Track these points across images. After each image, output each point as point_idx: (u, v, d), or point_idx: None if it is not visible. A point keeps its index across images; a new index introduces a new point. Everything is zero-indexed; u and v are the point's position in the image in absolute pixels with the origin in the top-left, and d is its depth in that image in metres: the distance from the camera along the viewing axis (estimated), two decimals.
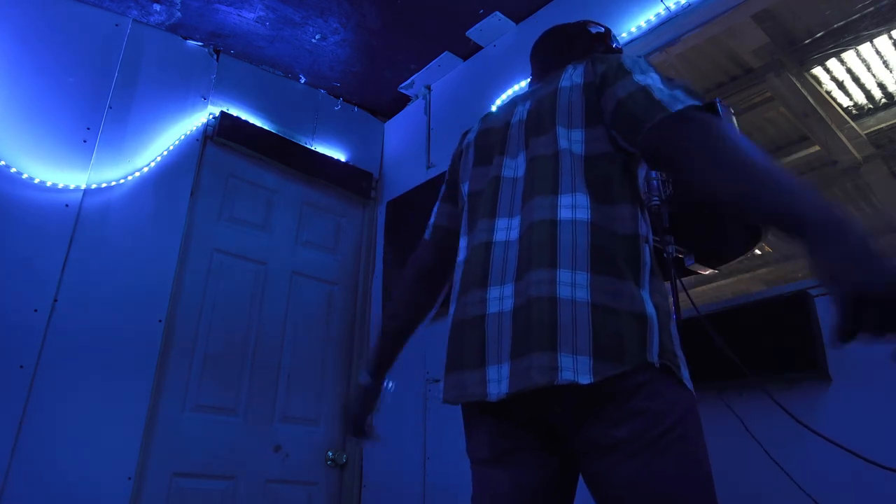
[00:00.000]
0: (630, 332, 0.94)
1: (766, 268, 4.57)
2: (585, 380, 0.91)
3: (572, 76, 1.17)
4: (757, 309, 1.65)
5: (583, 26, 1.43)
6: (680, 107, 0.96)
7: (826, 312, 1.57)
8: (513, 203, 1.14)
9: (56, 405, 2.18)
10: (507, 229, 1.12)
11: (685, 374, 1.00)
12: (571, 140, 1.11)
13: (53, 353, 2.22)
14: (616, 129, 1.07)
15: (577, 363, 0.92)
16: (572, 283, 0.97)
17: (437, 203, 1.42)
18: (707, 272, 1.73)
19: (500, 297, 1.04)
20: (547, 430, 1.02)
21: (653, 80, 1.06)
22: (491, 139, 1.28)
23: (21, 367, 2.14)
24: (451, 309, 1.14)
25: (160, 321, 2.49)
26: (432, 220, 1.41)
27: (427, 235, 1.40)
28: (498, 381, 0.99)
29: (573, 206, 1.04)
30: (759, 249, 4.34)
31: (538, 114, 1.19)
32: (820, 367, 1.51)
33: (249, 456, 2.60)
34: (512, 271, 1.05)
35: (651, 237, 1.07)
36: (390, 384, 1.39)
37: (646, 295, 1.00)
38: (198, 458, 2.47)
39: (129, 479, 2.25)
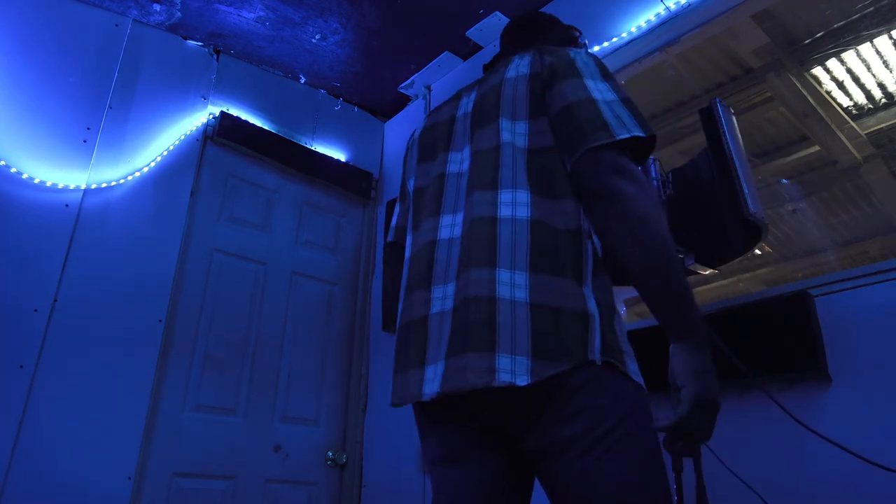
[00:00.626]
0: (571, 331, 0.94)
1: (766, 268, 4.57)
2: (523, 381, 0.90)
3: (518, 66, 1.15)
4: (757, 309, 1.65)
5: (557, 21, 1.42)
6: (625, 135, 0.99)
7: (826, 312, 1.57)
8: (457, 199, 1.13)
9: (56, 405, 2.18)
10: (451, 226, 1.10)
11: (632, 367, 0.99)
12: (515, 132, 1.09)
13: (53, 353, 2.22)
14: (557, 135, 1.06)
15: (515, 364, 0.91)
16: (511, 283, 0.97)
17: (397, 204, 1.42)
18: (707, 272, 1.73)
19: (444, 297, 1.04)
20: (494, 430, 1.01)
21: (601, 93, 1.05)
22: (436, 134, 1.26)
23: (21, 367, 2.14)
24: (399, 309, 1.14)
25: (160, 321, 2.49)
26: (394, 221, 1.41)
27: (391, 237, 1.40)
28: (432, 380, 0.98)
29: (513, 204, 1.03)
30: (759, 249, 4.34)
31: (482, 105, 1.17)
32: (820, 367, 1.51)
33: (249, 456, 2.60)
34: (454, 270, 1.05)
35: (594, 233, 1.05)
36: None
37: (588, 292, 0.99)
38: (198, 458, 2.47)
39: (129, 479, 2.25)
